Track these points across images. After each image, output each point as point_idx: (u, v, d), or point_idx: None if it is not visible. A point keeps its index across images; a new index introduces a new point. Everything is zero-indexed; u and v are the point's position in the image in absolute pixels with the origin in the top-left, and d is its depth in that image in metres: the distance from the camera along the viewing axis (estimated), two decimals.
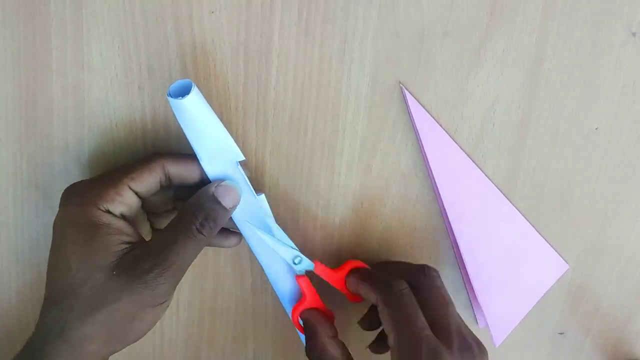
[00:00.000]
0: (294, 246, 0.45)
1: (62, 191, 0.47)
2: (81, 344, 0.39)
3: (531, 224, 0.50)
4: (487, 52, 0.45)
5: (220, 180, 0.42)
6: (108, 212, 0.40)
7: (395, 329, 0.42)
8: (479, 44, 0.45)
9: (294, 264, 0.45)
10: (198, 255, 0.49)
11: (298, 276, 0.46)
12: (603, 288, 0.53)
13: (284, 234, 0.45)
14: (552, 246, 0.51)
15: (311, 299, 0.46)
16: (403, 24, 0.45)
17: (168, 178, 0.43)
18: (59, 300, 0.39)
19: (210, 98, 0.45)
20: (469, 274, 0.50)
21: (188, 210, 0.41)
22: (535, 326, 0.54)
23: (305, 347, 0.44)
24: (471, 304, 0.53)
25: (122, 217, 0.41)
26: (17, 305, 0.51)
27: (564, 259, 0.52)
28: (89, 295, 0.39)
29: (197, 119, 0.41)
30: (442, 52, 0.45)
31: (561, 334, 0.55)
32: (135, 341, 0.41)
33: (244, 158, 0.43)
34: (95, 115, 0.46)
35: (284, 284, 0.46)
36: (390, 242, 0.50)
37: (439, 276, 0.46)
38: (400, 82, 0.46)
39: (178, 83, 0.41)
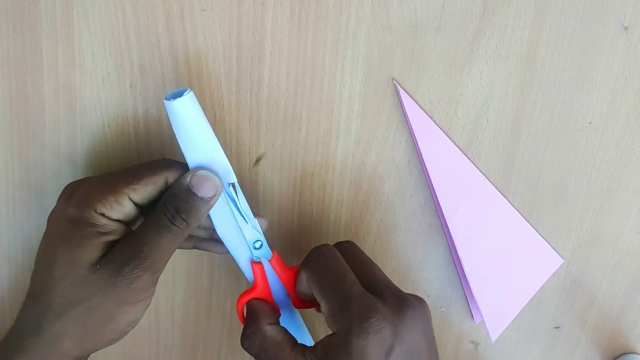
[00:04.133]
0: (260, 231, 0.44)
1: (54, 190, 0.47)
2: (56, 340, 0.38)
3: (526, 219, 0.50)
4: (480, 48, 0.45)
5: (197, 169, 0.41)
6: (104, 215, 0.40)
7: (323, 293, 0.40)
8: (472, 39, 0.45)
9: (254, 248, 0.44)
10: (195, 256, 0.49)
11: (254, 262, 0.44)
12: (598, 282, 0.53)
13: (255, 219, 0.43)
14: (546, 240, 0.51)
15: (261, 289, 0.44)
16: (396, 20, 0.44)
17: (168, 187, 0.42)
18: (39, 295, 0.39)
19: (203, 96, 0.45)
20: (464, 269, 0.50)
21: (162, 202, 0.40)
22: (531, 321, 0.54)
23: (242, 336, 0.42)
24: (467, 300, 0.53)
25: (117, 220, 0.41)
26: (10, 306, 0.50)
27: (558, 253, 0.52)
28: (69, 291, 0.38)
29: (189, 125, 0.40)
30: (435, 48, 0.45)
31: (557, 328, 0.55)
32: (110, 343, 0.41)
33: (235, 179, 0.42)
34: (87, 115, 0.46)
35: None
36: (385, 238, 0.50)
37: (356, 245, 0.44)
38: (393, 79, 0.46)
39: (177, 90, 0.40)
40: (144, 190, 0.41)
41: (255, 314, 0.43)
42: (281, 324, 0.44)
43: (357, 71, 0.46)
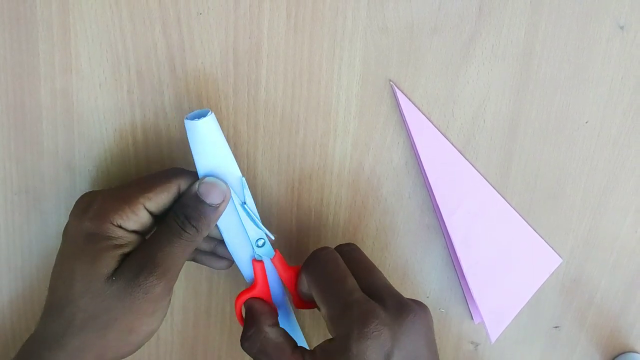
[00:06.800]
0: (264, 229, 0.44)
1: (52, 197, 0.47)
2: (79, 353, 0.39)
3: (524, 219, 0.51)
4: (476, 48, 0.45)
5: (205, 177, 0.42)
6: (120, 227, 0.40)
7: (324, 297, 0.40)
8: (468, 40, 0.45)
9: (257, 246, 0.44)
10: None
11: (255, 260, 0.44)
12: (597, 281, 0.53)
13: (258, 216, 0.43)
14: (545, 240, 0.51)
15: (261, 287, 0.44)
16: (392, 21, 0.45)
17: (180, 196, 0.43)
18: (60, 309, 0.39)
19: (200, 100, 0.45)
20: (463, 270, 0.50)
21: (172, 210, 0.41)
22: (530, 320, 0.54)
23: (242, 336, 0.42)
24: (466, 300, 0.53)
25: (134, 231, 0.41)
26: (11, 314, 0.50)
27: (557, 253, 0.52)
28: (89, 305, 0.39)
29: (210, 145, 0.41)
30: (431, 49, 0.45)
31: (556, 327, 0.55)
32: (129, 354, 0.41)
33: (251, 197, 0.43)
34: (84, 120, 0.46)
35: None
36: (383, 240, 0.50)
37: (358, 248, 0.44)
38: (390, 80, 0.46)
39: (197, 112, 0.41)
40: (158, 199, 0.41)
41: (256, 315, 0.42)
42: None
43: (354, 73, 0.46)
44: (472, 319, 0.53)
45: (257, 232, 0.43)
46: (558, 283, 0.53)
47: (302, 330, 0.50)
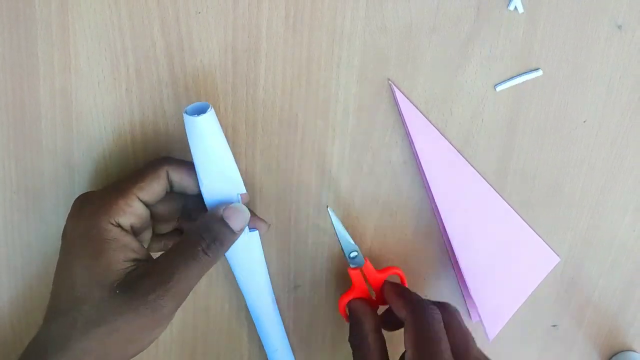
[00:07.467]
0: (353, 242, 0.48)
1: (51, 195, 0.47)
2: (81, 356, 0.39)
3: (522, 218, 0.51)
4: (475, 47, 0.45)
5: (227, 202, 0.42)
6: (118, 225, 0.40)
7: (417, 346, 0.41)
8: (467, 39, 0.45)
9: (350, 257, 0.48)
10: None
11: (351, 269, 0.48)
12: (595, 280, 0.53)
13: (346, 231, 0.47)
14: (543, 239, 0.51)
15: (359, 290, 0.48)
16: (390, 21, 0.45)
17: (170, 185, 0.43)
18: (63, 313, 0.39)
19: (199, 99, 0.45)
20: (461, 269, 0.50)
21: (195, 232, 0.41)
22: (528, 319, 0.54)
23: (350, 333, 0.46)
24: (464, 299, 0.53)
25: (131, 228, 0.41)
26: (10, 314, 0.50)
27: (555, 252, 0.52)
28: (92, 311, 0.39)
29: (208, 141, 0.41)
30: (430, 48, 0.45)
31: (554, 326, 0.55)
32: (132, 357, 0.41)
33: (245, 191, 0.43)
34: (83, 119, 0.46)
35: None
36: (382, 239, 0.51)
37: (457, 311, 0.46)
38: (389, 79, 0.46)
39: (196, 105, 0.41)
40: (150, 188, 0.41)
41: (359, 317, 0.46)
42: None
43: (353, 72, 0.46)
44: (470, 317, 0.53)
45: (350, 246, 0.48)
46: (556, 282, 0.53)
47: None
